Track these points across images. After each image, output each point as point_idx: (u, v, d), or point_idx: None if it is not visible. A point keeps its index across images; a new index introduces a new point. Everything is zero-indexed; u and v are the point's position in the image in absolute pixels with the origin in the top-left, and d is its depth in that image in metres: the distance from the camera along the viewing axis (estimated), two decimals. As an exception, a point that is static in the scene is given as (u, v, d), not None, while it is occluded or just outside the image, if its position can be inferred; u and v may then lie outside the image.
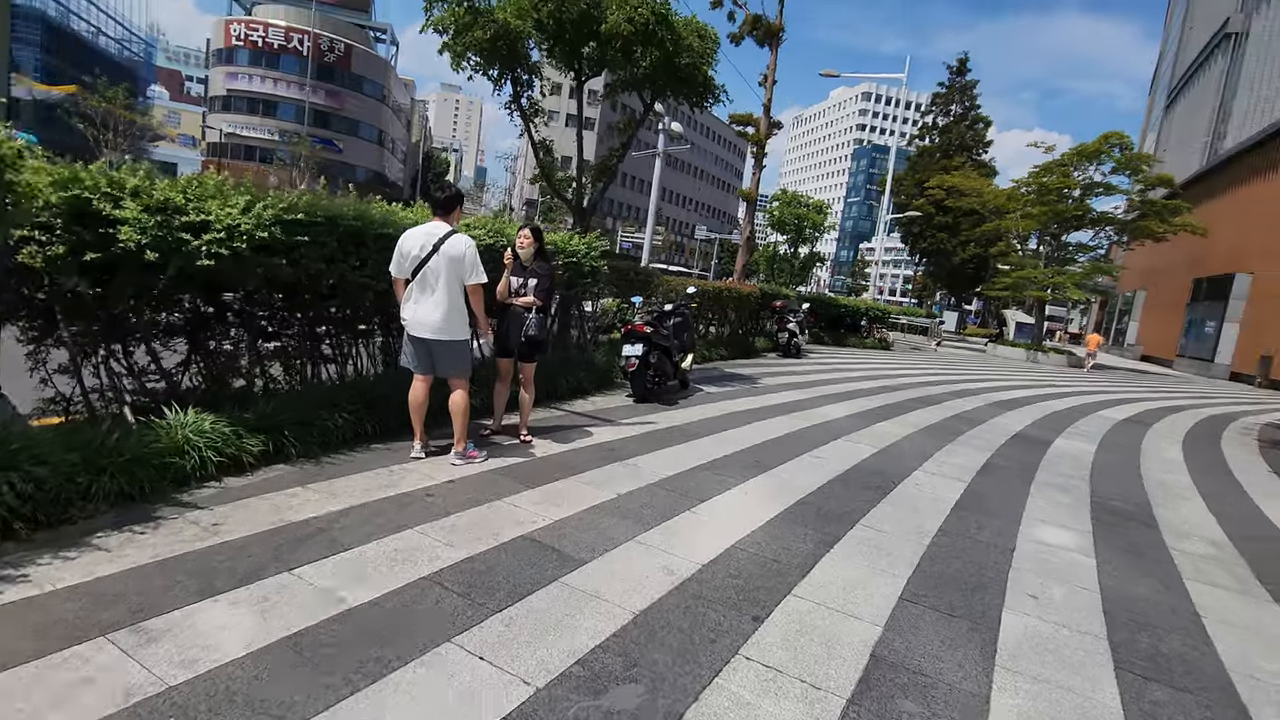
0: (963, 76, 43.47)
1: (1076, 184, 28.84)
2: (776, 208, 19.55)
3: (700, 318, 12.96)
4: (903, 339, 27.93)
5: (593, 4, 7.55)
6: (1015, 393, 13.28)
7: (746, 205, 15.38)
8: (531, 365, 5.19)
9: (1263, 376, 29.64)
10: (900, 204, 41.95)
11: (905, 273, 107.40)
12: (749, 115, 15.27)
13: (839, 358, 16.22)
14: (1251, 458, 8.80)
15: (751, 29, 15.07)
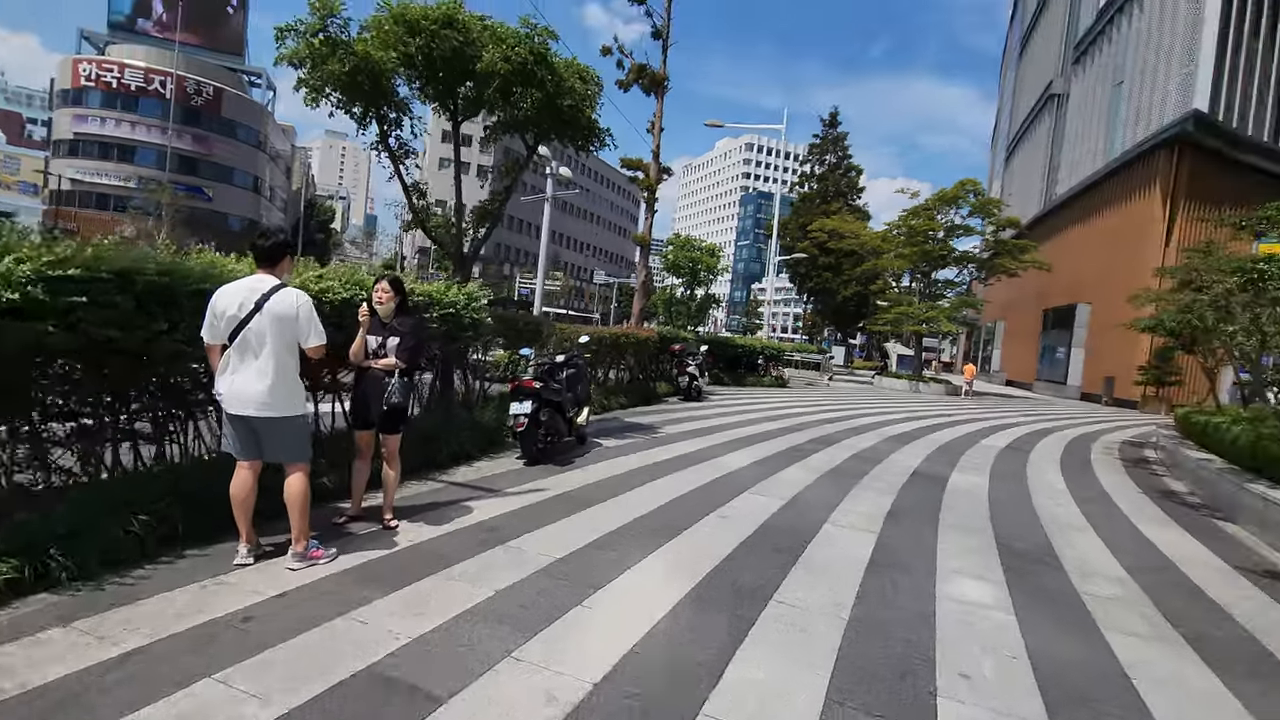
0: (835, 129, 46.86)
1: (940, 226, 31.31)
2: (671, 252, 19.72)
3: (598, 365, 12.53)
4: (798, 375, 28.76)
5: (466, 41, 7.12)
6: (905, 425, 13.67)
7: (641, 250, 15.25)
8: (395, 437, 4.47)
9: (1108, 396, 32.94)
10: (787, 246, 44.01)
11: (795, 310, 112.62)
12: (639, 160, 15.29)
13: (739, 398, 16.23)
14: (1121, 479, 9.30)
15: (637, 77, 15.20)
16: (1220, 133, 30.49)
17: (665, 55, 15.10)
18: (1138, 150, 33.21)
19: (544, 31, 7.52)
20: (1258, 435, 7.29)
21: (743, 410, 13.68)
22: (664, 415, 11.75)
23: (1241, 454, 7.67)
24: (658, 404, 13.58)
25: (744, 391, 18.78)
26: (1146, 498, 7.94)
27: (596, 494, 5.78)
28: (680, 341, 15.96)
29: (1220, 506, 7.29)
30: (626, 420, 10.69)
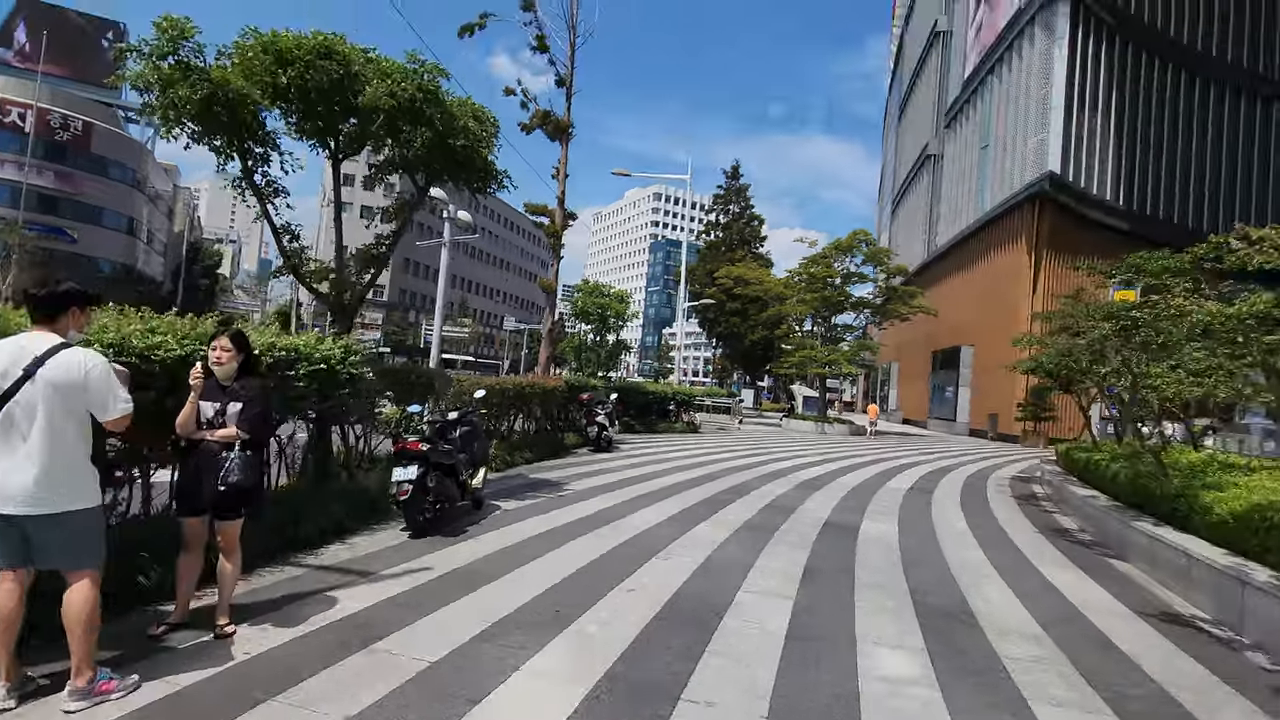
0: (737, 180, 48.97)
1: (837, 273, 32.93)
2: (580, 298, 19.45)
3: (502, 418, 11.86)
4: (709, 420, 28.89)
5: (347, 74, 6.59)
6: (815, 469, 13.74)
7: (548, 296, 14.84)
8: (234, 524, 3.72)
9: (993, 431, 35.20)
10: (695, 293, 44.94)
11: (705, 354, 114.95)
12: (544, 207, 15.02)
13: (651, 447, 15.88)
14: (1017, 518, 9.57)
15: (541, 122, 15.05)
16: (1072, 192, 34.10)
17: (569, 103, 15.07)
18: (1004, 206, 36.54)
19: (433, 68, 7.10)
20: (1136, 473, 7.64)
21: (654, 460, 13.31)
22: (572, 469, 11.19)
23: (1122, 490, 8.02)
24: (566, 456, 13.00)
25: (656, 439, 18.48)
26: (1042, 537, 8.13)
27: (489, 569, 5.16)
28: (589, 390, 15.52)
29: (1110, 544, 7.52)
30: (531, 477, 10.04)
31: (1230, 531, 5.39)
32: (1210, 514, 5.67)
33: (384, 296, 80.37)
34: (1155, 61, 37.56)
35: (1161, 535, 6.13)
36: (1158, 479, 7.03)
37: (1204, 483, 6.27)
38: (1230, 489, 5.87)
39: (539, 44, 14.68)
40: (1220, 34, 39.72)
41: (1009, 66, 38.49)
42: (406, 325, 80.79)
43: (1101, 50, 35.18)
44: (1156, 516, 6.88)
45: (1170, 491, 6.58)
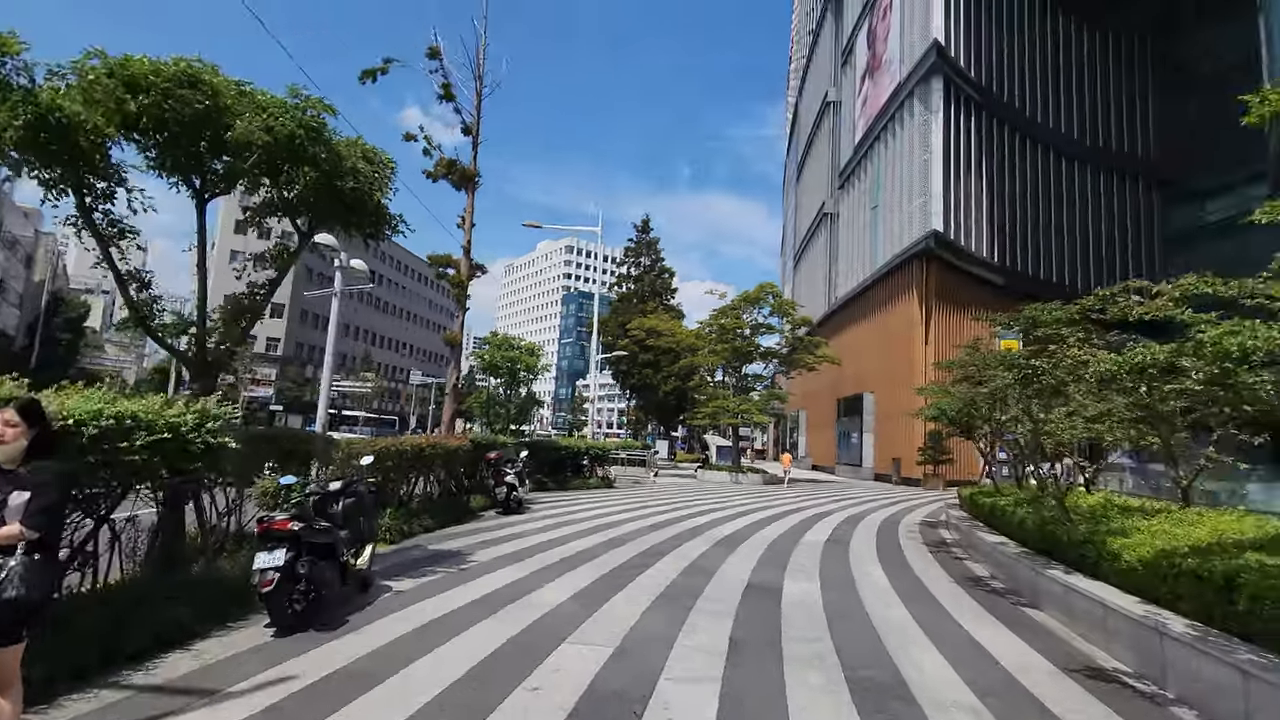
0: (647, 234, 50.01)
1: (746, 325, 33.77)
2: (488, 351, 18.67)
3: (400, 482, 10.87)
4: (624, 473, 28.30)
5: (214, 106, 5.89)
6: (732, 524, 13.45)
7: (452, 350, 14.05)
8: (13, 651, 2.86)
9: (897, 475, 36.61)
10: (608, 344, 44.87)
11: (620, 406, 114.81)
12: (448, 256, 14.37)
13: (563, 506, 15.13)
14: (932, 567, 9.57)
15: (447, 171, 14.55)
16: (954, 249, 36.93)
17: (475, 152, 14.69)
18: (895, 262, 39.05)
19: (317, 103, 6.52)
20: (1042, 519, 7.78)
21: (566, 521, 12.60)
22: (477, 536, 10.33)
23: (1030, 536, 8.15)
24: (472, 521, 12.08)
25: (569, 496, 17.72)
26: (959, 588, 8.08)
27: (370, 671, 4.38)
28: (497, 448, 14.68)
29: (1023, 592, 7.55)
30: (431, 548, 9.13)
31: (1140, 579, 5.42)
32: (1119, 561, 5.72)
33: (279, 350, 75.58)
34: (1016, 135, 41.95)
35: (1074, 584, 6.14)
36: (1063, 525, 7.15)
37: (1109, 528, 6.38)
38: (1135, 534, 5.98)
39: (445, 93, 14.31)
40: (1068, 115, 45.06)
41: (893, 135, 41.81)
42: (303, 381, 75.94)
43: (971, 123, 38.93)
44: (1065, 563, 6.96)
45: (1077, 538, 6.66)
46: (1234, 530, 5.56)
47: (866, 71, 47.99)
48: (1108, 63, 47.66)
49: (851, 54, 52.56)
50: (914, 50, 39.10)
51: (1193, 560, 4.83)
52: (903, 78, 40.03)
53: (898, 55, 41.27)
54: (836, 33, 60.07)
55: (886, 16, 44.11)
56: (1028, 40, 43.50)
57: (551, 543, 9.99)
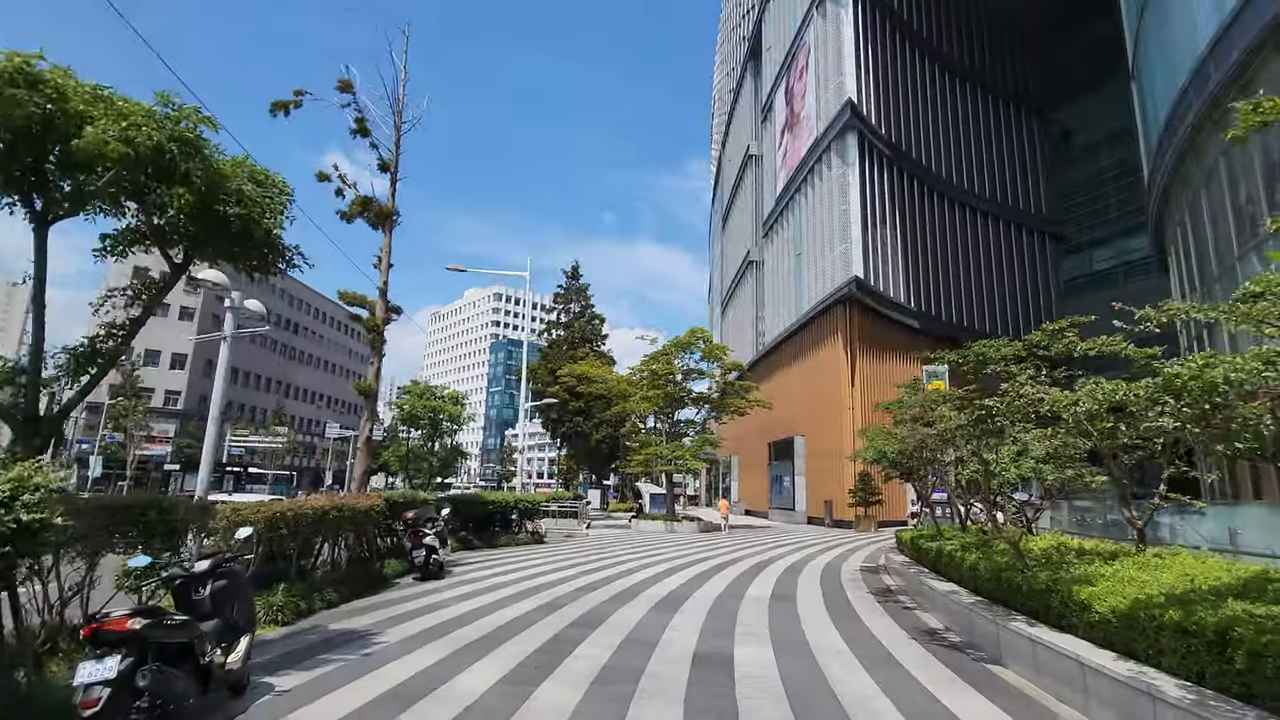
0: (577, 280, 49.67)
1: (678, 370, 33.57)
2: (407, 401, 17.35)
3: (304, 553, 9.57)
4: (555, 526, 27.00)
5: (61, 112, 4.94)
6: (670, 580, 12.64)
7: (366, 399, 12.86)
8: None
9: (829, 518, 36.73)
10: (538, 391, 43.70)
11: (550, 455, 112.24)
12: (362, 297, 13.31)
13: (490, 567, 13.92)
14: (884, 620, 9.07)
15: (362, 210, 13.63)
16: (874, 294, 38.31)
17: (394, 189, 13.87)
18: (820, 307, 40.15)
19: (193, 114, 5.62)
20: (997, 566, 7.42)
21: (491, 585, 11.46)
22: (390, 609, 9.12)
23: (985, 585, 7.77)
24: (385, 590, 10.80)
25: (497, 555, 16.45)
26: (918, 645, 7.57)
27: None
28: (416, 506, 13.42)
29: (983, 646, 7.10)
30: (333, 628, 7.91)
31: (1115, 632, 5.03)
32: (1089, 612, 5.33)
33: (179, 404, 69.92)
34: (926, 189, 44.58)
35: (1043, 638, 5.71)
36: (1021, 572, 6.80)
37: (1071, 575, 6.04)
38: (1100, 581, 5.63)
39: (359, 127, 13.52)
40: (972, 173, 48.41)
41: (813, 186, 43.58)
42: (202, 436, 70.32)
43: (885, 176, 41.09)
44: (1026, 613, 6.57)
45: (1038, 586, 6.30)
46: (1202, 574, 5.30)
47: (786, 126, 50.23)
48: (1007, 127, 51.85)
49: (771, 110, 55.05)
50: (829, 108, 41.20)
51: (1175, 612, 4.47)
52: (820, 133, 42.00)
53: (814, 112, 43.40)
54: (756, 90, 63.01)
55: (803, 76, 46.54)
56: (933, 104, 46.78)
57: (474, 613, 8.91)
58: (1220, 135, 18.25)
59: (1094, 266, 50.63)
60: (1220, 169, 18.19)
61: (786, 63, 50.59)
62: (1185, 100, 19.24)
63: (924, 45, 47.03)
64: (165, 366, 68.98)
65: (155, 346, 67.85)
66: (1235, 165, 17.28)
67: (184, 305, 69.69)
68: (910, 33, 45.90)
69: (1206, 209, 19.30)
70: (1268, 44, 14.82)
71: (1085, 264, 51.35)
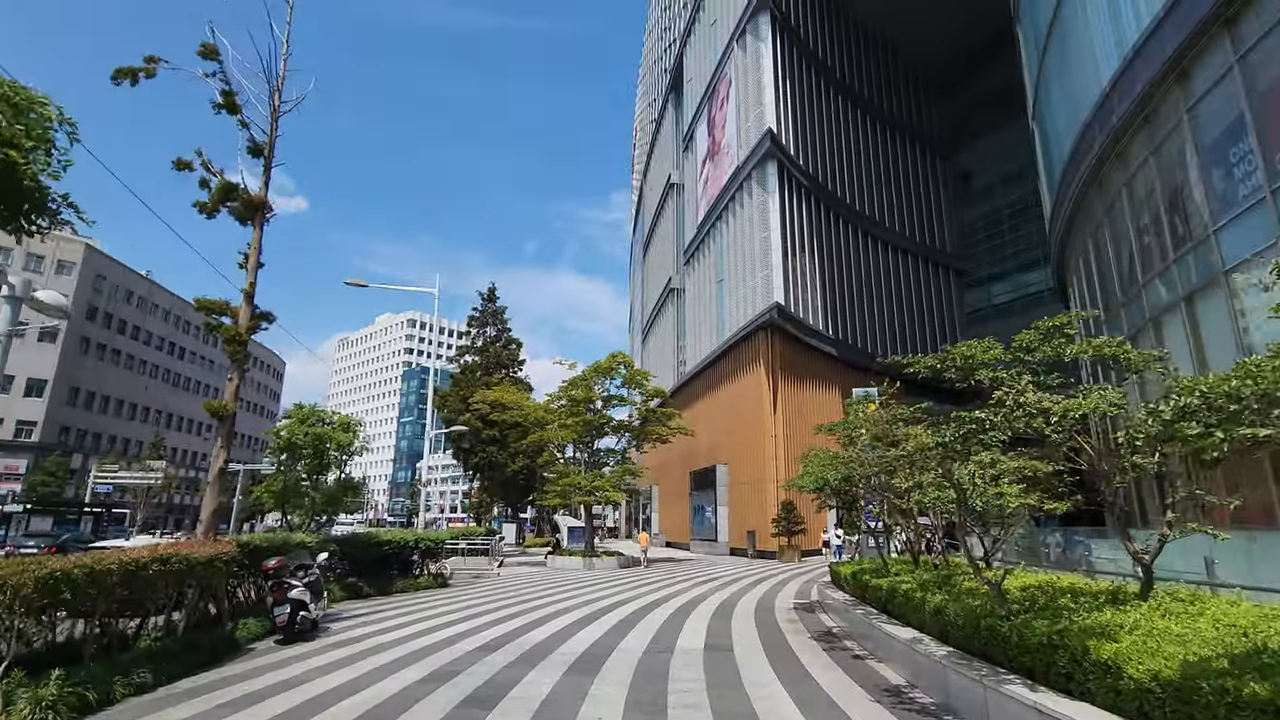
0: (493, 303, 47.44)
1: (598, 396, 32.09)
2: (286, 426, 14.92)
3: (111, 618, 7.35)
4: (464, 566, 24.63)
5: None
6: (588, 631, 10.99)
7: (220, 423, 10.61)
8: None
9: (752, 549, 35.81)
10: (449, 419, 40.98)
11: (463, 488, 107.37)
12: (222, 303, 11.11)
13: (377, 620, 11.78)
14: (834, 673, 7.83)
15: (224, 198, 11.52)
16: (795, 321, 38.38)
17: (268, 176, 11.85)
18: (741, 333, 39.87)
19: None
20: (973, 611, 6.31)
21: (373, 646, 9.44)
22: (225, 690, 7.05)
23: (954, 632, 6.65)
24: (234, 661, 8.61)
25: (388, 605, 14.22)
26: (883, 708, 6.33)
27: None
28: (284, 551, 11.19)
29: (967, 715, 5.90)
30: (130, 729, 5.83)
31: (1161, 706, 3.91)
32: (1119, 678, 4.22)
33: (34, 436, 61.77)
34: (841, 221, 45.67)
35: (1055, 710, 4.54)
36: (1005, 619, 5.70)
37: (1080, 626, 4.95)
38: (1124, 636, 4.55)
39: (225, 101, 11.48)
40: (883, 207, 50.19)
41: (734, 214, 43.72)
42: (67, 473, 62.31)
43: (803, 206, 41.71)
44: (1019, 672, 5.45)
45: (1034, 640, 5.18)
46: (1250, 623, 4.34)
47: (708, 155, 50.58)
48: (915, 166, 54.34)
49: (693, 140, 55.48)
50: (750, 136, 41.62)
51: (1261, 686, 3.37)
52: (741, 161, 42.30)
53: (736, 141, 43.78)
54: (678, 120, 63.60)
55: (724, 106, 47.06)
56: (847, 140, 48.34)
57: (339, 691, 6.98)
58: (1122, 167, 19.04)
59: (993, 300, 53.42)
60: (1123, 199, 18.80)
61: (708, 93, 51.19)
62: (1089, 134, 19.92)
63: (838, 84, 48.74)
64: (19, 394, 60.93)
65: (8, 371, 59.97)
66: (1138, 193, 17.85)
67: (45, 325, 62.04)
68: (825, 70, 47.46)
69: (1110, 238, 19.94)
70: (1169, 77, 15.31)
71: (985, 297, 54.13)
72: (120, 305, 69.07)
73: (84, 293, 64.01)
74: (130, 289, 70.50)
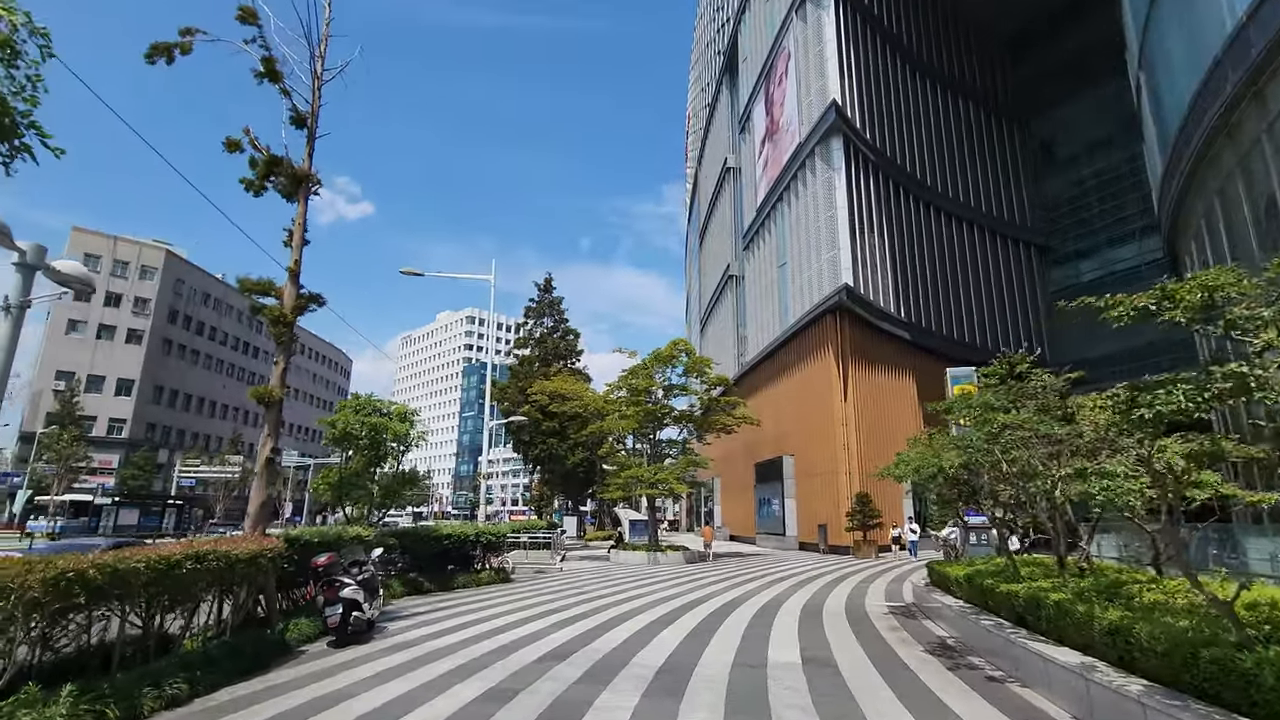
0: (550, 293, 46.83)
1: (659, 385, 30.92)
2: (341, 417, 14.41)
3: (154, 619, 6.65)
4: (525, 561, 23.97)
5: None
6: (666, 638, 9.84)
7: (267, 409, 9.95)
8: None
9: (824, 544, 33.97)
10: (508, 412, 40.68)
11: (524, 481, 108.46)
12: (268, 284, 10.47)
13: (436, 620, 10.97)
14: (975, 704, 6.40)
15: (270, 173, 10.85)
16: (865, 303, 36.20)
17: (311, 147, 11.13)
18: (806, 319, 37.92)
19: None
20: (1193, 640, 4.77)
21: (430, 651, 8.56)
22: (266, 703, 6.24)
23: (1154, 663, 5.11)
24: (281, 666, 7.86)
25: (450, 601, 13.48)
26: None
27: None
28: (336, 547, 10.48)
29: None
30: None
31: None
32: None
33: (123, 433, 65.20)
34: (911, 198, 42.96)
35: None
36: (1247, 650, 4.19)
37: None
38: None
39: (266, 69, 10.79)
40: (956, 182, 47.06)
41: (796, 194, 41.68)
42: (154, 467, 65.61)
43: (870, 183, 39.31)
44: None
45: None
46: None
47: (766, 136, 48.57)
48: (990, 136, 50.82)
49: (749, 121, 53.48)
50: (812, 112, 39.49)
51: None
52: (803, 138, 40.23)
53: (796, 117, 41.70)
54: (733, 103, 61.62)
55: (783, 82, 44.97)
56: (916, 110, 45.46)
57: (384, 714, 6.04)
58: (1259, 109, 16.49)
59: (1082, 277, 49.45)
60: (1263, 146, 16.30)
61: (765, 71, 49.13)
62: (1217, 75, 17.41)
63: (905, 51, 45.86)
64: (110, 393, 64.45)
65: (99, 371, 63.38)
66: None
67: (132, 328, 65.48)
68: (891, 38, 44.70)
69: (1245, 194, 17.40)
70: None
71: (1074, 274, 50.17)
72: (198, 307, 72.16)
73: (165, 296, 67.04)
74: (207, 291, 73.51)
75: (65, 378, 62.51)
